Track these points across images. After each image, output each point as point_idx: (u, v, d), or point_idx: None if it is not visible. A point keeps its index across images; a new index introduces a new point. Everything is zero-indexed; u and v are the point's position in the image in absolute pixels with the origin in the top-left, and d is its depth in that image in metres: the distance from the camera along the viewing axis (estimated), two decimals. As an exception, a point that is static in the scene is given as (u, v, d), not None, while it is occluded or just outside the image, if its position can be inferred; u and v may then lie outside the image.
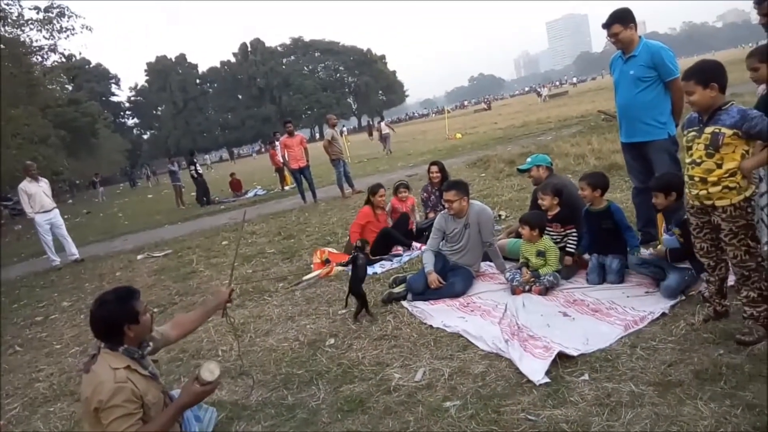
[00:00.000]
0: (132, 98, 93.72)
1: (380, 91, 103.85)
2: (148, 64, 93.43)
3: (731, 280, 3.10)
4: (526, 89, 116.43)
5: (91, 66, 75.87)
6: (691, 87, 2.81)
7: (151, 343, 2.53)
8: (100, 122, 50.78)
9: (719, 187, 2.76)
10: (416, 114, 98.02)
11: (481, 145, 17.46)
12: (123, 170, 48.58)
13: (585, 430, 2.38)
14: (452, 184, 4.72)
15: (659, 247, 3.86)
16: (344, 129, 13.67)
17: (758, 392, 2.39)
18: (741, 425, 2.21)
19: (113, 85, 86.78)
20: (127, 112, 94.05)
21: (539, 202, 4.63)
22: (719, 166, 2.75)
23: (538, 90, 48.65)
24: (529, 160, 5.21)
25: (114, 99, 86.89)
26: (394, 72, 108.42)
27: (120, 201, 29.72)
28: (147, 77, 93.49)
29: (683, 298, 3.50)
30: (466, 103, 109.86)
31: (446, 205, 4.63)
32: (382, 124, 27.34)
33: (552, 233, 4.48)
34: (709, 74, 2.79)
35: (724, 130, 2.73)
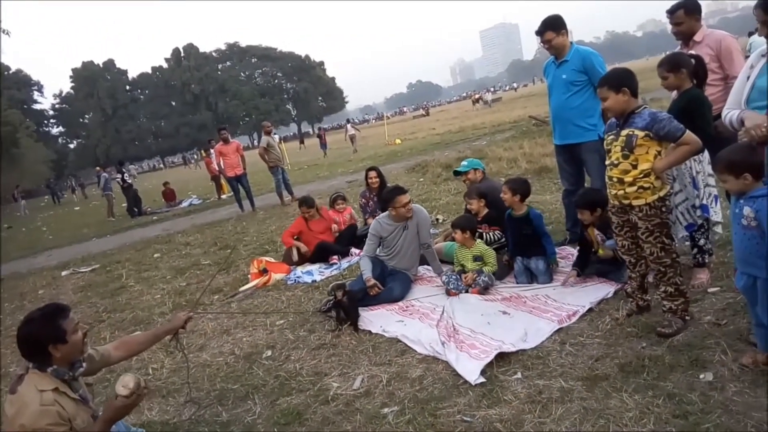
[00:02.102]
0: (56, 106, 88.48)
1: (320, 98, 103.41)
2: (74, 70, 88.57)
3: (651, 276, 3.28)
4: (464, 95, 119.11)
5: (10, 72, 71.09)
6: (604, 93, 2.97)
7: (84, 364, 2.37)
8: (22, 131, 47.60)
9: (635, 188, 2.92)
10: (356, 120, 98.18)
11: (420, 151, 17.70)
12: (46, 183, 41.85)
13: (518, 428, 2.43)
14: (403, 189, 4.73)
15: (605, 251, 3.90)
16: (276, 136, 13.23)
17: (678, 382, 2.53)
18: (663, 414, 2.32)
19: (36, 93, 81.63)
20: (52, 121, 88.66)
21: (468, 206, 4.75)
22: (634, 167, 2.91)
23: (482, 95, 48.51)
24: (464, 163, 5.32)
25: (37, 107, 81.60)
26: (333, 78, 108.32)
27: (44, 215, 27.98)
28: (73, 84, 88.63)
29: (609, 294, 3.66)
30: (404, 109, 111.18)
31: (407, 207, 4.56)
32: (348, 126, 30.39)
33: (481, 233, 4.62)
34: (620, 80, 2.95)
35: (637, 131, 2.89)
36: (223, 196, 16.17)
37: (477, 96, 48.85)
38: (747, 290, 2.44)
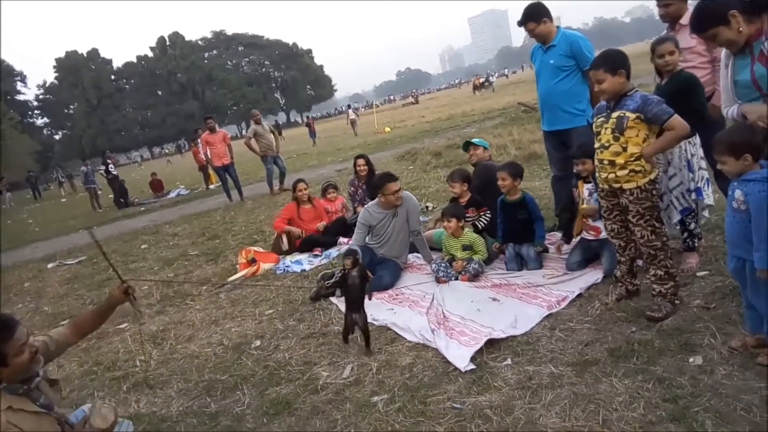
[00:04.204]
0: (41, 96, 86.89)
1: (308, 86, 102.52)
2: (58, 60, 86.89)
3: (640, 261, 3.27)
4: (453, 82, 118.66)
5: (-8, 63, 69.75)
6: (600, 75, 2.93)
7: (40, 372, 2.21)
8: (6, 122, 46.83)
9: (626, 171, 2.90)
10: (344, 108, 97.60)
11: (409, 139, 17.62)
12: (26, 177, 37.51)
13: (508, 414, 2.42)
14: (393, 175, 4.68)
15: (590, 205, 3.85)
16: (266, 124, 12.38)
17: (667, 366, 2.52)
18: (652, 399, 2.32)
19: (19, 83, 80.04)
20: (36, 112, 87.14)
21: (450, 189, 4.77)
22: (624, 150, 2.89)
23: (487, 78, 46.30)
24: (477, 140, 5.35)
25: (20, 98, 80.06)
26: (321, 66, 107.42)
27: (30, 207, 27.62)
28: (56, 74, 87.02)
29: (599, 280, 3.65)
30: (392, 97, 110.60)
31: (396, 195, 4.52)
32: (350, 111, 33.00)
33: (469, 218, 4.60)
34: (617, 62, 2.92)
35: (628, 114, 2.87)
36: (211, 186, 16.03)
37: (481, 80, 46.24)
38: (737, 273, 2.44)
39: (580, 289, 3.55)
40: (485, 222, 4.61)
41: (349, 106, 40.66)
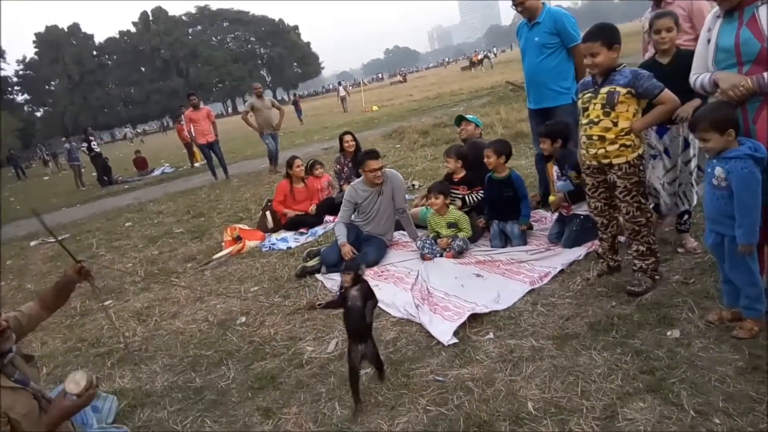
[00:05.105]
0: (20, 72, 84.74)
1: (295, 63, 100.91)
2: (37, 35, 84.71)
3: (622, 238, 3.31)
4: (442, 61, 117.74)
5: (-33, 36, 67.69)
6: (596, 48, 2.86)
7: (13, 348, 2.18)
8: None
9: (616, 146, 2.90)
10: (332, 87, 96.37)
11: (397, 117, 17.53)
12: (7, 155, 34.87)
13: (489, 385, 2.46)
14: (376, 152, 4.66)
15: (557, 195, 3.98)
16: (268, 99, 10.90)
17: (645, 339, 2.58)
18: (630, 371, 2.37)
19: (-2, 59, 77.85)
20: (16, 88, 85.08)
21: (445, 165, 4.78)
22: (615, 125, 2.89)
23: (486, 54, 45.01)
24: (470, 116, 5.33)
25: (-1, 73, 78.09)
26: (308, 43, 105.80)
27: (11, 185, 27.15)
28: (36, 49, 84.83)
29: (581, 256, 3.69)
30: (380, 75, 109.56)
31: (377, 173, 4.50)
32: (341, 88, 33.23)
33: (457, 194, 4.62)
34: (614, 36, 2.89)
35: (618, 89, 2.86)
36: (196, 164, 15.85)
37: (479, 57, 44.78)
38: (715, 248, 2.48)
39: (562, 265, 3.59)
40: (475, 200, 4.61)
41: (339, 83, 41.83)
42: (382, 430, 2.33)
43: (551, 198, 3.93)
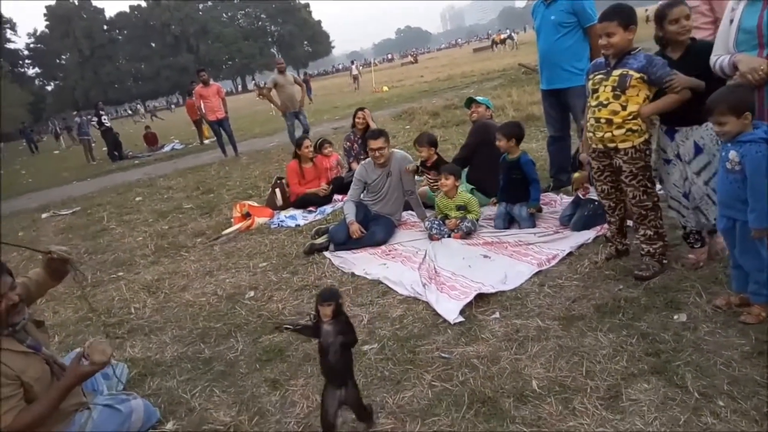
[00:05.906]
0: (31, 45, 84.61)
1: (305, 42, 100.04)
2: (48, 8, 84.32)
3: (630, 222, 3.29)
4: (454, 42, 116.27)
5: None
6: (612, 28, 2.80)
7: (26, 316, 2.22)
8: (-4, 71, 45.40)
9: (623, 130, 2.87)
10: (342, 66, 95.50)
11: (407, 98, 17.40)
12: (20, 129, 33.89)
13: (494, 363, 2.48)
14: (379, 132, 4.65)
15: (581, 172, 3.84)
16: (290, 75, 10.17)
17: (651, 322, 2.58)
18: (635, 352, 2.38)
19: (9, 31, 77.58)
20: (27, 61, 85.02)
21: (418, 154, 4.97)
22: (624, 108, 2.85)
23: (506, 36, 43.88)
24: (480, 98, 5.30)
25: (10, 46, 77.78)
26: (319, 21, 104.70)
27: (23, 158, 27.35)
28: (47, 22, 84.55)
29: (590, 240, 3.68)
30: (390, 56, 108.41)
31: (375, 154, 4.53)
32: (353, 66, 35.06)
33: (430, 180, 4.82)
34: (632, 17, 2.84)
35: (631, 72, 2.81)
36: (206, 141, 15.88)
37: (502, 36, 43.59)
38: (726, 232, 2.47)
39: (570, 247, 3.59)
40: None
41: (352, 62, 43.41)
42: (387, 403, 2.36)
43: (576, 174, 3.86)
